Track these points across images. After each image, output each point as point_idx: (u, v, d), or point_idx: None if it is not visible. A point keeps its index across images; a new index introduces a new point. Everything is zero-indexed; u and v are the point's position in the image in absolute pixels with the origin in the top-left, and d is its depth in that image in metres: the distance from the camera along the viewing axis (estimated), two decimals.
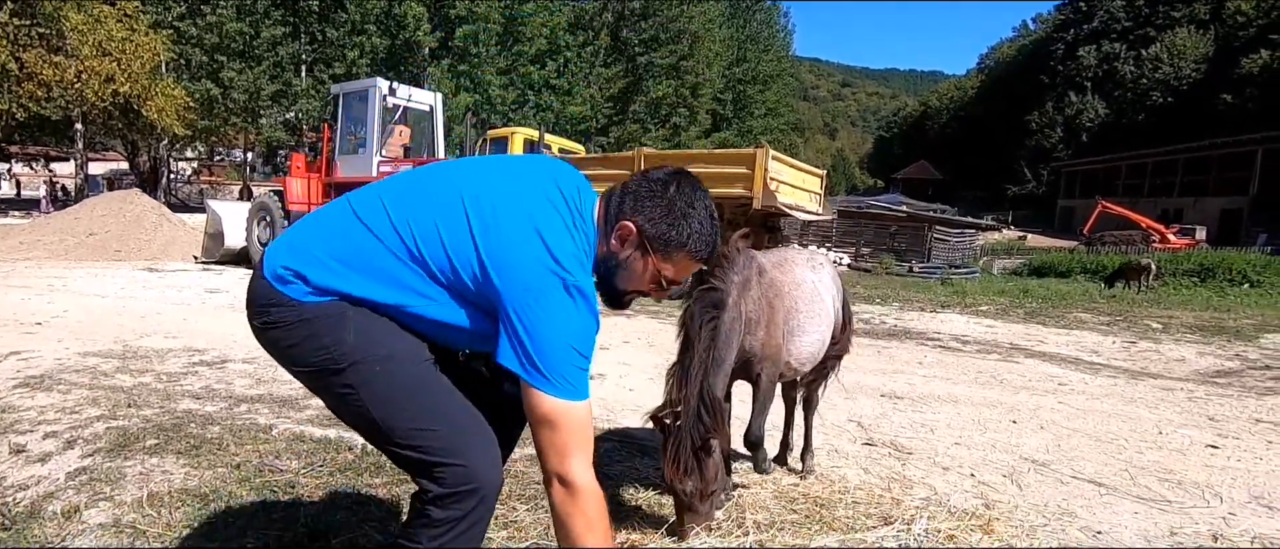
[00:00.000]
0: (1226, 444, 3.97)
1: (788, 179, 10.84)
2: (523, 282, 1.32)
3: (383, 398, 1.41)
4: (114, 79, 20.26)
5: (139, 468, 2.69)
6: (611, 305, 1.54)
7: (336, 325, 1.39)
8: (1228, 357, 7.43)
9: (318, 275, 1.40)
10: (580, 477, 1.33)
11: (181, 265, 11.74)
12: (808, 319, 2.67)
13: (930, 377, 5.56)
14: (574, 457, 1.33)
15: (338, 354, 1.39)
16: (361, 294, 1.40)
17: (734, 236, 2.44)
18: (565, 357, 1.31)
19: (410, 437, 1.40)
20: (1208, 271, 18.72)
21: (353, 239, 1.41)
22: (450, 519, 1.40)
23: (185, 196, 32.04)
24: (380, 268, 1.40)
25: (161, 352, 4.88)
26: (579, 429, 1.34)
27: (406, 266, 1.39)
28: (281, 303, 1.41)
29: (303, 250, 1.44)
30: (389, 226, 1.40)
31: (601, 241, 1.48)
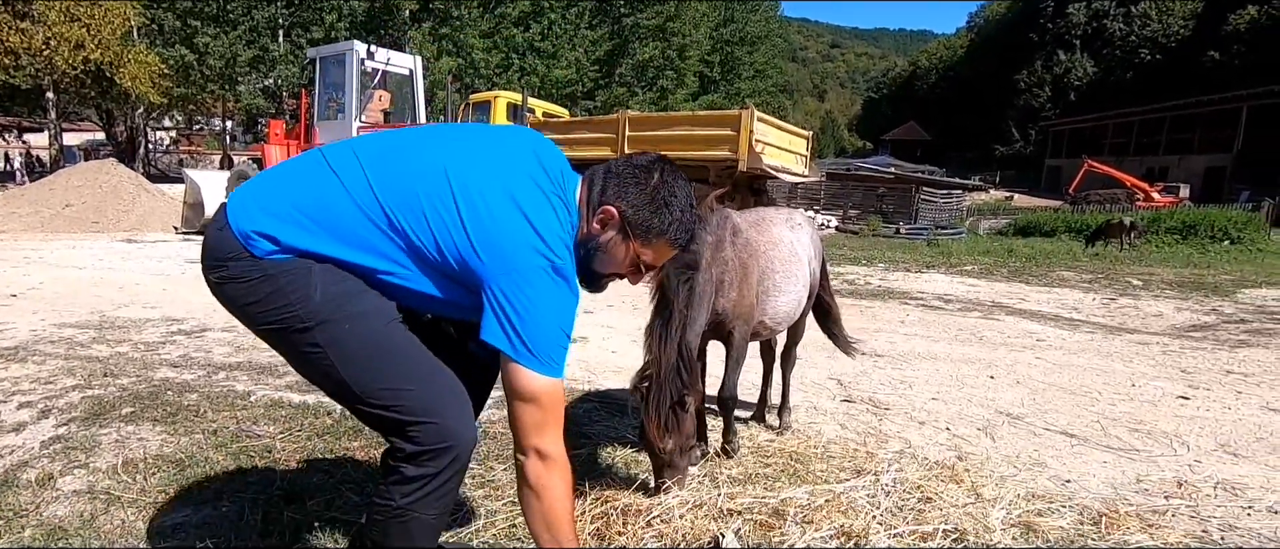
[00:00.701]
0: (1197, 395, 4.05)
1: (773, 141, 10.77)
2: (511, 264, 1.33)
3: (353, 358, 1.39)
4: (84, 45, 19.67)
5: (114, 435, 2.68)
6: (588, 287, 1.55)
7: (302, 282, 1.37)
8: (1204, 311, 7.54)
9: (287, 235, 1.37)
10: (556, 450, 1.38)
11: (161, 236, 11.59)
12: (784, 279, 2.67)
13: (911, 335, 5.61)
14: (553, 431, 1.38)
15: (304, 313, 1.37)
16: (332, 255, 1.38)
17: (709, 197, 2.42)
18: (552, 336, 1.34)
19: (383, 396, 1.40)
20: (1190, 229, 18.91)
21: (326, 197, 1.38)
22: (424, 476, 1.41)
23: (165, 166, 31.46)
24: (353, 231, 1.37)
25: (139, 321, 4.84)
26: (558, 405, 1.39)
27: (382, 234, 1.37)
28: (240, 257, 1.37)
29: (271, 206, 1.39)
30: (366, 189, 1.37)
31: (583, 223, 1.49)
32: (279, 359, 3.88)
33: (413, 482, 1.41)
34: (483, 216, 1.35)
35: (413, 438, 1.40)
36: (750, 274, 2.42)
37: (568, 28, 29.02)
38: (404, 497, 1.42)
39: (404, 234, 1.37)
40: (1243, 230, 18.58)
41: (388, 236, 1.38)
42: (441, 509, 1.47)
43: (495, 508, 2.21)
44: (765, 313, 2.56)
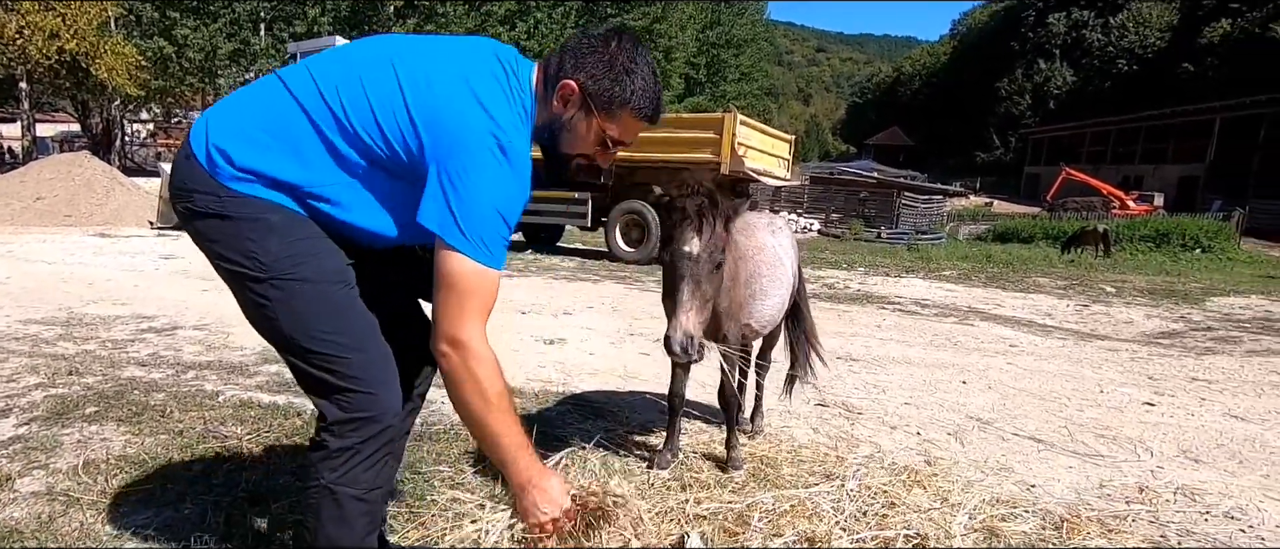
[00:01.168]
0: (1162, 401, 4.13)
1: (756, 144, 10.85)
2: (453, 137, 1.30)
3: (299, 315, 1.38)
4: (59, 35, 19.31)
5: (77, 435, 2.64)
6: (557, 178, 1.54)
7: (260, 233, 1.35)
8: (1173, 319, 7.69)
9: (243, 153, 1.34)
10: (474, 340, 1.31)
11: (135, 231, 11.40)
12: (770, 283, 2.69)
13: (887, 340, 5.67)
14: (472, 321, 1.31)
15: (258, 264, 1.36)
16: (287, 176, 1.36)
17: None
18: (487, 219, 1.29)
19: (322, 359, 1.39)
20: (1163, 237, 19.27)
21: (280, 108, 1.37)
22: (348, 448, 1.40)
23: (142, 160, 30.92)
24: (306, 143, 1.35)
25: (108, 318, 4.76)
26: (484, 295, 1.32)
27: (333, 140, 1.35)
28: (205, 188, 1.35)
29: (229, 124, 1.38)
30: (316, 94, 1.36)
31: (542, 108, 1.46)
32: (250, 359, 3.86)
33: (338, 455, 1.40)
34: (425, 91, 1.33)
35: (341, 404, 1.40)
36: (738, 277, 2.43)
37: (554, 27, 28.94)
38: (331, 471, 1.41)
39: (356, 136, 1.34)
40: (1213, 239, 18.97)
41: (341, 143, 1.35)
42: (370, 485, 1.44)
43: (465, 510, 2.20)
44: (752, 316, 2.58)
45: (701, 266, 1.98)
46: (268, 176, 1.36)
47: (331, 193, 1.39)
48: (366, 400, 1.40)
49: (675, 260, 2.02)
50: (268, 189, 1.37)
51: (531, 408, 3.27)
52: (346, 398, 1.40)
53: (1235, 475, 2.96)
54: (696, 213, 2.00)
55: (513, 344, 4.64)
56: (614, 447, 2.79)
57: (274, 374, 3.59)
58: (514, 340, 4.76)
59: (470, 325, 1.31)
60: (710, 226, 2.01)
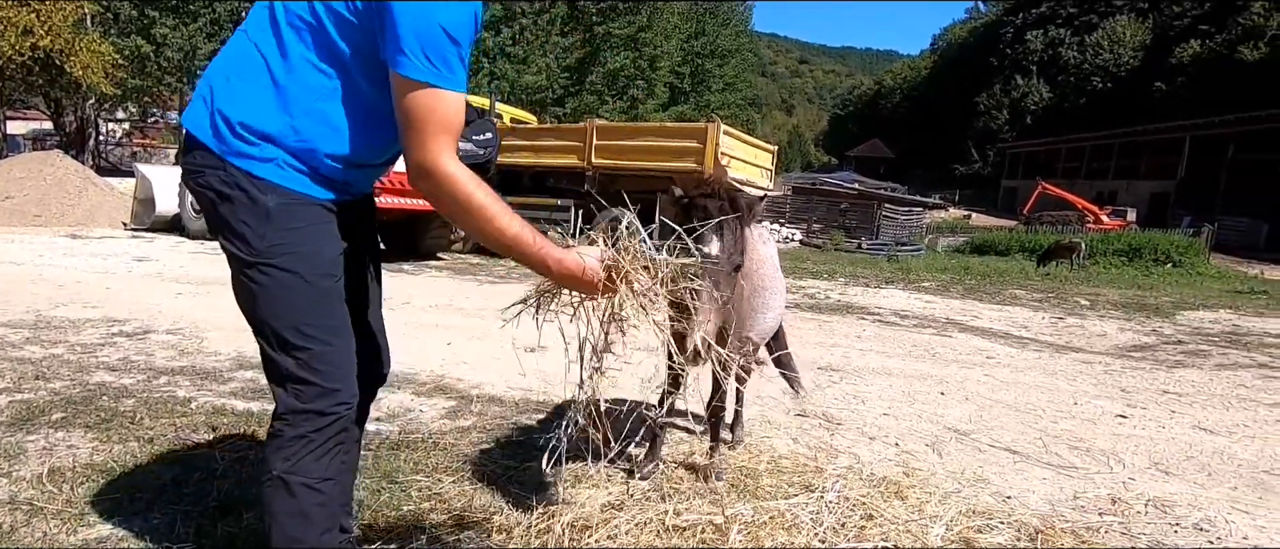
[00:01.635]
0: (1134, 414, 4.20)
1: (739, 154, 10.93)
2: None
3: (280, 303, 1.41)
4: (33, 31, 18.89)
5: (42, 442, 2.57)
6: None
7: (256, 219, 1.38)
8: (1145, 332, 7.84)
9: (236, 109, 1.37)
10: (439, 163, 1.30)
11: (108, 232, 11.18)
12: (772, 295, 2.69)
13: (867, 350, 5.71)
14: (433, 144, 1.30)
15: (249, 248, 1.39)
16: (273, 121, 1.37)
17: None
18: (436, 39, 1.27)
19: (292, 349, 1.42)
20: (1135, 252, 19.69)
21: (245, 49, 1.40)
22: (301, 437, 1.42)
23: (117, 160, 30.35)
24: (277, 69, 1.37)
25: (78, 322, 4.65)
26: (441, 116, 1.30)
27: (299, 43, 1.35)
28: (207, 163, 1.39)
29: (213, 84, 1.42)
30: (266, 20, 1.39)
31: None
32: (224, 365, 3.79)
33: (290, 443, 1.42)
34: None
35: (297, 393, 1.42)
36: (745, 291, 2.43)
37: (540, 34, 28.97)
38: (284, 461, 1.42)
39: (316, 26, 1.34)
40: (1184, 254, 19.42)
41: (302, 44, 1.35)
42: (321, 475, 1.45)
43: (440, 521, 2.18)
44: (753, 329, 2.58)
45: (721, 270, 1.91)
46: (258, 130, 1.37)
47: (314, 122, 1.39)
48: (324, 394, 1.43)
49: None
50: (265, 159, 1.38)
51: (510, 416, 3.25)
52: (305, 389, 1.42)
53: (1204, 488, 3.01)
54: (718, 214, 1.93)
55: (493, 352, 4.61)
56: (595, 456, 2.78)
57: (248, 380, 3.53)
58: (494, 348, 4.73)
59: (432, 149, 1.30)
60: (731, 228, 1.94)
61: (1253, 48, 40.81)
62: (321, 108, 1.39)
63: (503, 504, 2.29)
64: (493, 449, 2.81)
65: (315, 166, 1.43)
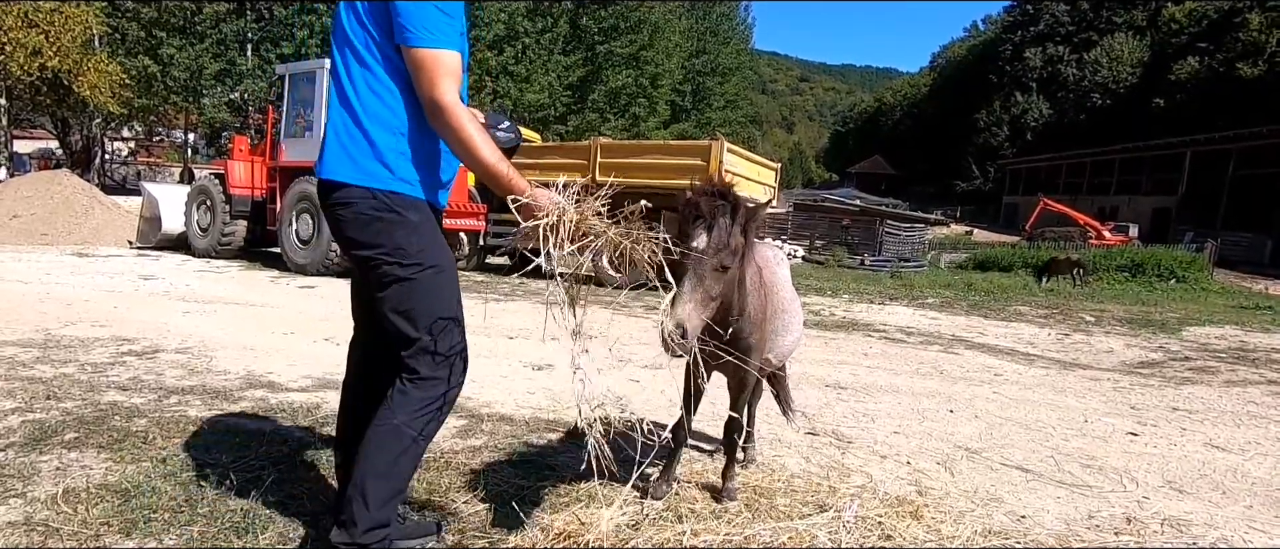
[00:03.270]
0: (1145, 431, 4.18)
1: (742, 171, 10.96)
2: None
3: (424, 295, 1.84)
4: (41, 52, 19.10)
5: (56, 463, 2.57)
6: None
7: (408, 230, 1.82)
8: (1152, 348, 7.82)
9: (367, 144, 1.81)
10: (446, 97, 1.71)
11: (114, 250, 11.22)
12: (792, 317, 2.69)
13: (874, 368, 5.70)
14: (440, 84, 1.71)
15: (408, 253, 1.82)
16: (399, 146, 1.82)
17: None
18: (429, 13, 1.71)
19: (432, 328, 1.84)
20: (1138, 267, 19.67)
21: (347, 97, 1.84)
22: (426, 399, 1.84)
23: (122, 178, 30.54)
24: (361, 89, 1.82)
25: (87, 341, 4.66)
26: (444, 66, 1.72)
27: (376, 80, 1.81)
28: (357, 195, 1.81)
29: (340, 132, 1.85)
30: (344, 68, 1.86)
31: None
32: (233, 384, 3.80)
33: (417, 402, 1.84)
34: None
35: (436, 363, 1.85)
36: (767, 311, 2.42)
37: (542, 53, 29.22)
38: (406, 413, 1.83)
39: (378, 58, 1.81)
40: (1187, 270, 19.40)
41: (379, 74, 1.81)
42: (428, 435, 1.89)
43: (454, 542, 2.17)
44: (773, 349, 2.57)
45: (705, 264, 1.91)
46: (393, 158, 1.81)
47: (420, 139, 1.83)
48: (451, 365, 1.87)
49: (683, 255, 1.96)
50: (407, 180, 1.82)
51: (521, 435, 3.24)
52: (440, 360, 1.85)
53: (1219, 506, 2.99)
54: (709, 211, 1.94)
55: (501, 370, 4.61)
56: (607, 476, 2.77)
57: (259, 399, 3.53)
58: (502, 366, 4.73)
59: (440, 88, 1.70)
60: (723, 227, 1.94)
61: (1251, 64, 41.04)
62: (417, 125, 1.82)
63: (518, 525, 2.28)
64: (505, 468, 2.80)
65: (431, 179, 1.89)
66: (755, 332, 2.34)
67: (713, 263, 1.92)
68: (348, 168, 1.82)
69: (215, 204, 10.70)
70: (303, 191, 9.71)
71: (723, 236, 1.93)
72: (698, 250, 1.93)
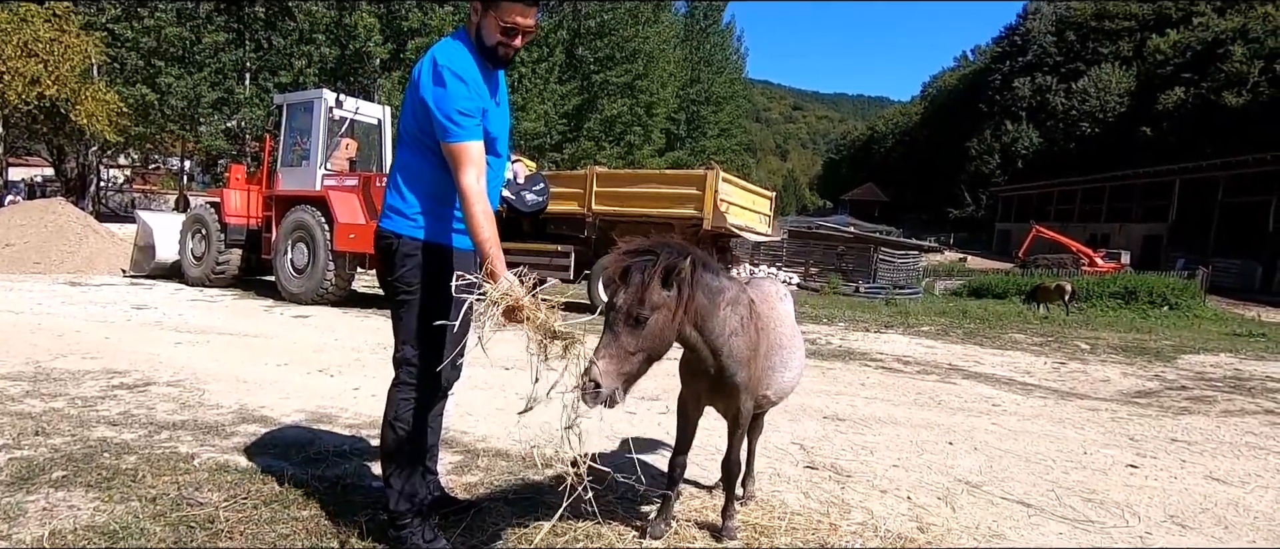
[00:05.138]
0: (1144, 463, 4.16)
1: (738, 200, 11.02)
2: (424, 84, 2.22)
3: (421, 315, 2.30)
4: (40, 81, 19.19)
5: (42, 503, 2.52)
6: (490, 61, 2.30)
7: (422, 266, 2.31)
8: (1148, 377, 7.82)
9: (411, 202, 2.35)
10: (466, 184, 2.16)
11: (107, 279, 11.15)
12: (791, 354, 2.67)
13: (872, 398, 5.67)
14: (463, 172, 2.16)
15: (417, 285, 2.31)
16: (416, 199, 2.34)
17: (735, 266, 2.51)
18: (449, 116, 2.16)
19: (419, 344, 2.33)
20: (1131, 294, 19.76)
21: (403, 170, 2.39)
22: (406, 402, 2.34)
23: (117, 205, 30.49)
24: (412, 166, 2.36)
25: (78, 374, 4.60)
26: (464, 156, 2.17)
27: (407, 150, 2.37)
28: (413, 245, 2.34)
29: (394, 200, 2.38)
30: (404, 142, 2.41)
31: (471, 27, 2.31)
32: (226, 418, 3.75)
33: (395, 405, 2.34)
34: (414, 76, 2.31)
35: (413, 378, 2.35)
36: (760, 348, 2.42)
37: (538, 82, 29.49)
38: (391, 411, 2.35)
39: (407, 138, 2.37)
40: (1180, 296, 19.50)
41: (409, 142, 2.36)
42: (409, 426, 2.33)
43: None
44: (771, 386, 2.56)
45: (618, 320, 2.01)
46: (436, 209, 2.35)
47: (427, 187, 2.33)
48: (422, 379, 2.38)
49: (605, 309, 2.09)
50: (453, 230, 2.35)
51: (518, 471, 3.20)
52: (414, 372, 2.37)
53: (1222, 541, 2.97)
54: (620, 270, 2.06)
55: (497, 402, 4.57)
56: (605, 515, 2.73)
57: (251, 434, 3.48)
58: (498, 398, 4.68)
59: (459, 174, 2.17)
60: (636, 283, 2.02)
61: (1236, 94, 41.78)
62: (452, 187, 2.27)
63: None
64: (501, 506, 2.76)
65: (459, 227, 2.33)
66: (742, 369, 2.34)
67: (624, 318, 2.02)
68: (404, 222, 2.34)
69: (210, 232, 10.68)
70: (299, 221, 9.71)
71: (634, 293, 2.02)
72: (612, 305, 2.06)
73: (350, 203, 9.51)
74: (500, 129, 2.43)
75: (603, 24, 33.53)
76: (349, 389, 4.75)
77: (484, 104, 2.26)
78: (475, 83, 2.21)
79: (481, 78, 2.25)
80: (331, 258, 9.37)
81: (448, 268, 2.26)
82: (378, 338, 7.14)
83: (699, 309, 2.18)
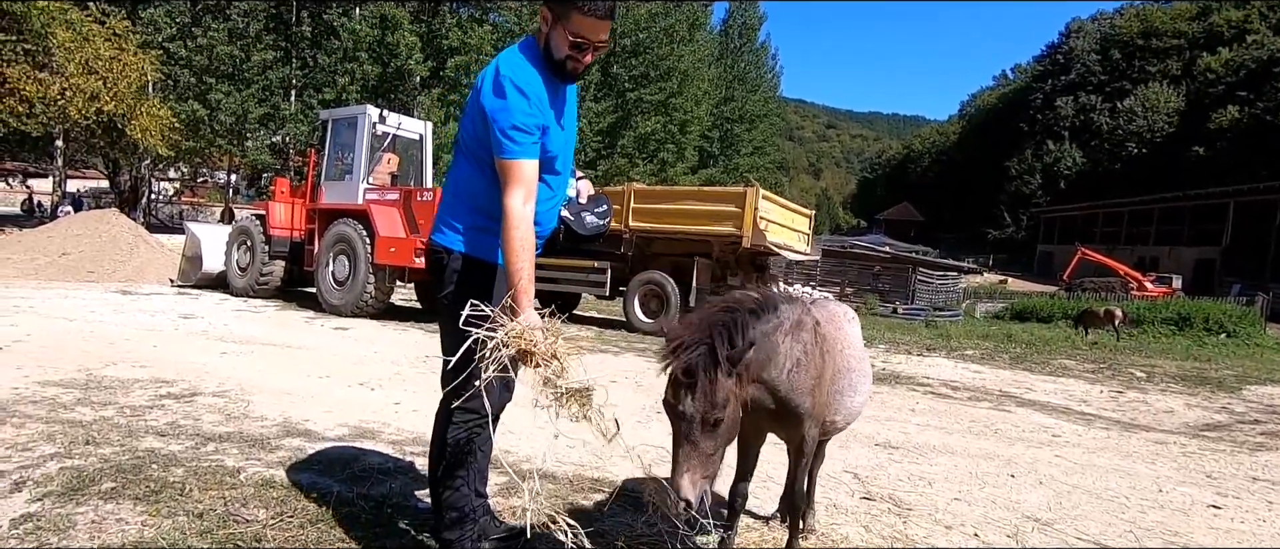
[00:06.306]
0: (1227, 504, 3.89)
1: (776, 218, 10.86)
2: (485, 93, 2.09)
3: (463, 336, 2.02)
4: (99, 97, 19.96)
5: (92, 515, 2.49)
6: (558, 75, 2.15)
7: (470, 282, 2.17)
8: (1215, 409, 7.41)
9: (461, 221, 2.26)
10: (510, 205, 2.02)
11: (156, 288, 11.42)
12: (859, 378, 2.54)
13: (924, 426, 5.45)
14: (510, 191, 2.03)
15: (461, 298, 2.06)
16: (465, 212, 2.25)
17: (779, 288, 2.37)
18: (507, 132, 2.03)
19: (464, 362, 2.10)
20: (1185, 320, 18.92)
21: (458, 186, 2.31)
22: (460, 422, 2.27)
23: (165, 217, 31.50)
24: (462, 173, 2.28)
25: (127, 382, 4.65)
26: (514, 174, 2.04)
27: (463, 162, 2.27)
28: (456, 261, 2.24)
29: (448, 220, 2.28)
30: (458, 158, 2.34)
31: (539, 38, 2.15)
32: (271, 431, 3.72)
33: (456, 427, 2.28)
34: (477, 86, 2.19)
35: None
36: (826, 372, 2.29)
37: None
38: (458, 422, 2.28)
39: (464, 147, 2.26)
40: (1238, 324, 18.62)
41: (466, 157, 2.26)
42: (467, 448, 2.31)
43: None
44: (838, 412, 2.43)
45: (694, 427, 1.81)
46: (450, 224, 2.26)
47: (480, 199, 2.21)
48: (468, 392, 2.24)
49: (669, 415, 1.88)
50: (460, 253, 2.23)
51: (566, 495, 3.10)
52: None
53: None
54: (685, 374, 1.83)
55: (537, 421, 4.46)
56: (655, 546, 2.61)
57: (296, 448, 3.44)
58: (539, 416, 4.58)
59: (511, 195, 2.03)
60: (705, 386, 1.81)
61: None
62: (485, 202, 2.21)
63: None
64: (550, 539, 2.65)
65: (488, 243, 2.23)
66: (806, 398, 2.21)
67: (701, 425, 1.82)
68: (455, 238, 2.27)
69: (255, 244, 10.88)
70: (341, 233, 9.83)
71: (704, 400, 1.81)
72: (683, 415, 1.83)
73: (391, 217, 9.60)
74: (563, 147, 2.29)
75: (638, 42, 33.75)
76: (390, 404, 4.71)
77: (545, 121, 2.12)
78: (538, 97, 2.08)
79: (546, 92, 2.12)
80: (372, 271, 9.45)
81: (491, 287, 2.18)
82: (417, 351, 7.13)
83: (758, 365, 2.01)
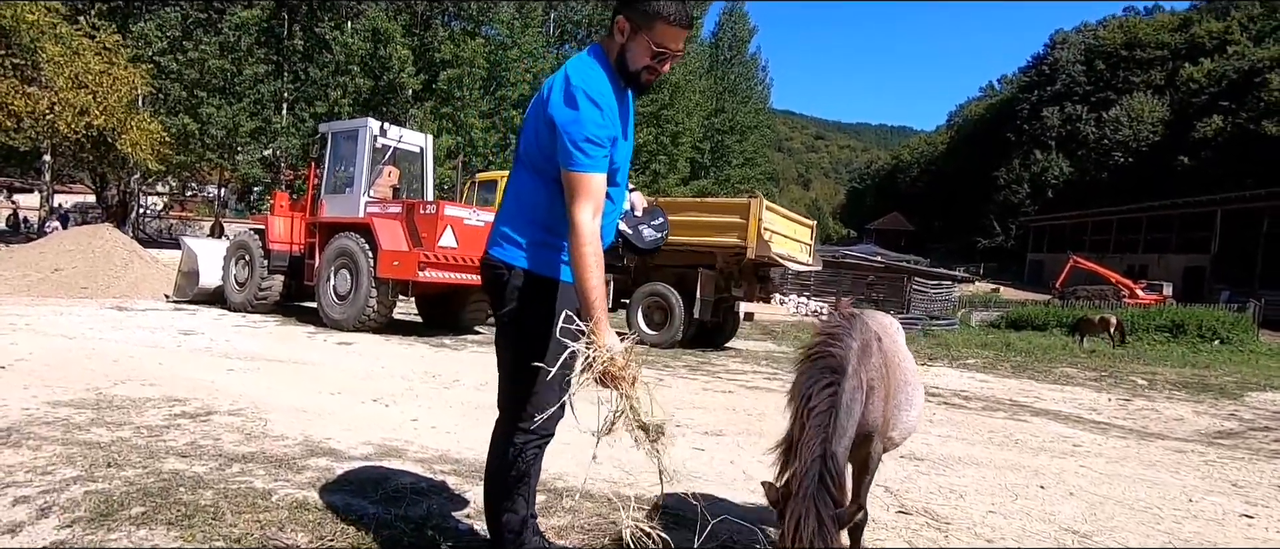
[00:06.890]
0: (1259, 512, 3.88)
1: (780, 229, 10.87)
2: (554, 102, 1.99)
3: (530, 355, 2.09)
4: (88, 112, 19.77)
5: (126, 541, 2.41)
6: (632, 87, 2.09)
7: (534, 299, 2.13)
8: (1224, 416, 7.45)
9: (522, 235, 2.16)
10: (580, 220, 1.92)
11: (152, 303, 11.25)
12: (915, 391, 2.51)
13: (946, 437, 5.43)
14: (579, 206, 1.93)
15: (553, 314, 2.06)
16: (527, 225, 2.14)
17: (844, 303, 2.32)
18: (575, 144, 1.92)
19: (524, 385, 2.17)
20: (1179, 327, 19.12)
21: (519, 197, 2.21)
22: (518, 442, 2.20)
23: (154, 232, 31.16)
24: (522, 185, 2.18)
25: (139, 401, 4.54)
26: (584, 188, 1.93)
27: (525, 173, 2.16)
28: (519, 276, 2.14)
29: (507, 231, 2.18)
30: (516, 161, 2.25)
31: (612, 47, 2.04)
32: (294, 451, 3.64)
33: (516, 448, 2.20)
34: (544, 92, 2.07)
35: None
36: (889, 389, 2.25)
37: None
38: (518, 443, 2.20)
39: (526, 159, 2.15)
40: (1231, 330, 18.82)
41: (527, 168, 2.15)
42: (526, 468, 2.24)
43: None
44: (897, 428, 2.39)
45: None
46: (514, 238, 2.16)
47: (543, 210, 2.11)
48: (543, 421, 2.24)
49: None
50: (529, 256, 2.13)
51: (606, 514, 3.05)
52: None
53: None
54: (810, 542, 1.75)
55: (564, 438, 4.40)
56: None
57: (324, 469, 3.36)
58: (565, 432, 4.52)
59: (579, 209, 1.93)
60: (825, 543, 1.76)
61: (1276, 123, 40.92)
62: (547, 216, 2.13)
63: None
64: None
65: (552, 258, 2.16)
66: (878, 418, 2.17)
67: None
68: (517, 254, 2.18)
69: (253, 259, 10.75)
70: (342, 247, 9.73)
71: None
72: None
73: (394, 230, 9.52)
74: (625, 159, 2.23)
75: None
76: (408, 420, 4.63)
77: (615, 132, 2.04)
78: (610, 109, 1.99)
79: (616, 103, 2.04)
80: (374, 285, 9.35)
81: (554, 304, 2.11)
82: (424, 366, 7.04)
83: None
